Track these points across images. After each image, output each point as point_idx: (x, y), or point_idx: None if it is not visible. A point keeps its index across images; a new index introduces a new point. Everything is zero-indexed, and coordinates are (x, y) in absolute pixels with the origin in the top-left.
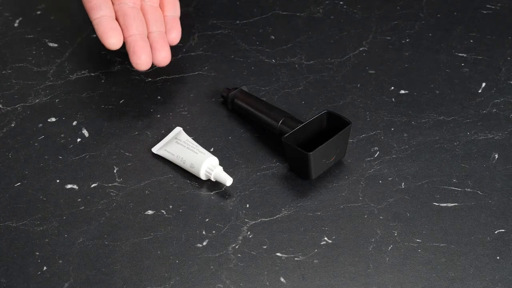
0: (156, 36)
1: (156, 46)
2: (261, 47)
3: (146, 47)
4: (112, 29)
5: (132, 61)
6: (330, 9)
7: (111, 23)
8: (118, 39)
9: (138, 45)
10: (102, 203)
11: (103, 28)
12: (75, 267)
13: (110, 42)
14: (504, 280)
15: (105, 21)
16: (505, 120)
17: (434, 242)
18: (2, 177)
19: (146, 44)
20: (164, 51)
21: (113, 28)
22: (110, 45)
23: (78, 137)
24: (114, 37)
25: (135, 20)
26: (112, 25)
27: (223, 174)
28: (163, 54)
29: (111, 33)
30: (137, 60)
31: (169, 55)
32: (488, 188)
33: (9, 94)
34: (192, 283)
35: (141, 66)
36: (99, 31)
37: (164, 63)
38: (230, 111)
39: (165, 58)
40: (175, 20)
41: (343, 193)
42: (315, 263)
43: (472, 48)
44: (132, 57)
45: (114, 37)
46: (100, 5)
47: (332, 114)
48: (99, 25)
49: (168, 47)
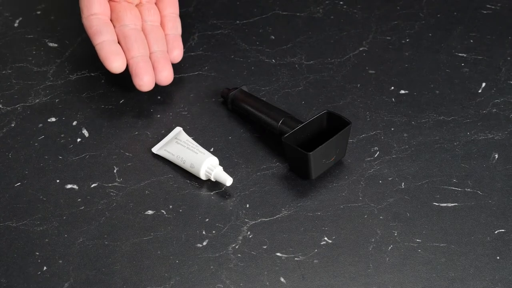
0: (158, 55)
1: (158, 66)
2: (261, 47)
3: (148, 68)
4: (114, 53)
5: (135, 83)
6: (330, 9)
7: (113, 47)
8: (121, 62)
9: (139, 67)
10: (102, 203)
11: (105, 53)
12: (75, 267)
13: (113, 66)
14: (504, 280)
15: (107, 46)
16: (505, 120)
17: (434, 242)
18: (2, 177)
19: (148, 65)
20: (166, 70)
21: (115, 52)
22: (114, 69)
23: (78, 137)
24: (116, 61)
25: (136, 42)
26: (114, 49)
27: (223, 174)
28: (165, 74)
29: (113, 58)
30: (140, 81)
31: (171, 74)
32: (488, 188)
33: (9, 94)
34: (192, 283)
35: (143, 88)
36: (102, 56)
37: (167, 82)
38: (230, 111)
39: (167, 77)
40: (177, 38)
41: (343, 193)
42: (315, 263)
43: (472, 48)
44: (135, 79)
45: (116, 61)
46: (101, 30)
47: (332, 114)
48: (102, 50)
49: (170, 66)
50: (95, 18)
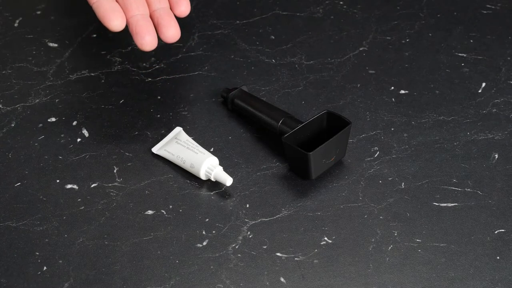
0: (161, 12)
1: (162, 23)
2: (261, 47)
3: (149, 27)
4: (113, 11)
5: (136, 42)
6: (330, 9)
7: (111, 4)
8: (121, 20)
9: (139, 25)
10: (102, 203)
11: (103, 11)
12: (75, 267)
13: (112, 24)
14: (504, 280)
15: (104, 3)
16: (505, 120)
17: (434, 242)
18: (2, 177)
19: (149, 23)
20: (172, 26)
21: (114, 9)
22: (113, 27)
23: (78, 137)
24: (116, 19)
25: (135, 0)
26: (112, 6)
27: (223, 174)
28: (171, 31)
29: (112, 15)
30: (141, 40)
31: (178, 31)
32: (488, 188)
33: (9, 94)
34: (192, 283)
35: (146, 47)
36: (100, 14)
37: (174, 40)
38: (230, 111)
39: (174, 34)
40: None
41: (343, 193)
42: (315, 263)
43: (472, 48)
44: (136, 38)
45: (116, 18)
46: None
47: (332, 114)
48: (99, 8)
49: (176, 23)
50: None
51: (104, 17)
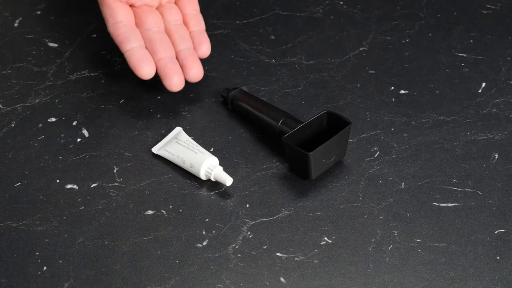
0: (186, 53)
1: (187, 64)
2: (261, 47)
3: (176, 68)
4: (144, 60)
5: (165, 84)
6: (330, 9)
7: (142, 53)
8: (151, 68)
9: (168, 68)
10: (102, 203)
11: (135, 60)
12: (75, 267)
13: (143, 72)
14: (504, 280)
15: (136, 53)
16: (505, 120)
17: (434, 242)
18: (2, 177)
19: (176, 65)
20: (196, 67)
21: (145, 59)
22: (144, 75)
23: (78, 137)
24: (146, 67)
25: (162, 44)
26: (143, 55)
27: (223, 174)
28: (195, 71)
29: (143, 64)
30: (170, 82)
31: (201, 70)
32: (488, 188)
33: (9, 94)
34: (192, 283)
35: (175, 88)
36: (132, 63)
37: (197, 79)
38: (230, 111)
39: (198, 74)
40: (202, 34)
41: (343, 193)
42: (315, 263)
43: (472, 48)
44: (165, 81)
45: (146, 67)
46: (129, 37)
47: (332, 114)
48: (131, 57)
49: (199, 62)
50: (122, 26)
51: (136, 66)
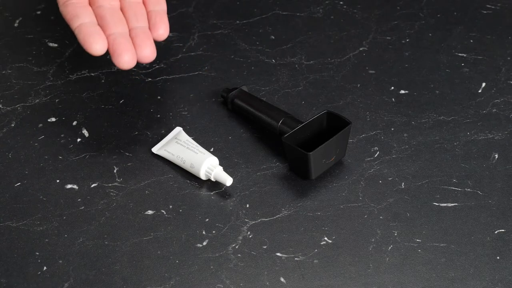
0: (138, 31)
1: (138, 42)
2: (261, 47)
3: (127, 45)
4: (94, 34)
5: (114, 61)
6: (330, 9)
7: (92, 28)
8: (102, 43)
9: (117, 43)
10: (102, 203)
11: (83, 36)
12: (75, 267)
13: (93, 48)
14: (504, 280)
15: (85, 28)
16: (505, 120)
17: (434, 242)
18: (2, 177)
19: (127, 41)
20: (147, 47)
21: (95, 33)
22: (94, 51)
23: (78, 137)
24: (96, 43)
25: (113, 19)
26: (93, 30)
27: (223, 174)
28: (147, 51)
29: (92, 39)
30: (119, 59)
31: (153, 51)
32: (488, 188)
33: (9, 94)
34: (192, 283)
35: (124, 65)
36: (81, 39)
37: (148, 60)
38: (230, 111)
39: (149, 56)
40: (161, 14)
41: (343, 193)
42: (315, 263)
43: (472, 48)
44: (114, 57)
45: (96, 42)
46: (78, 13)
47: (332, 114)
48: (80, 33)
49: (152, 43)
50: (71, 4)
51: (85, 41)
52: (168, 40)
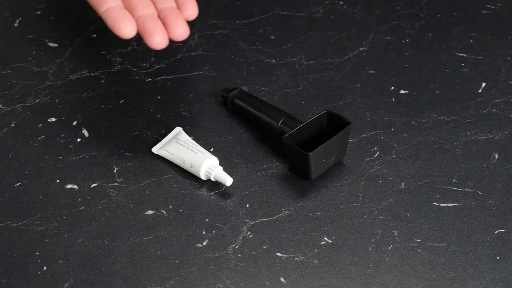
0: (168, 12)
1: (169, 22)
2: (261, 47)
3: (157, 25)
4: (122, 18)
5: (146, 41)
6: (330, 9)
7: (120, 12)
8: (131, 26)
9: (147, 25)
10: (102, 203)
11: (112, 19)
12: (75, 267)
13: (123, 32)
14: (504, 280)
15: (112, 12)
16: (505, 120)
17: (434, 242)
18: (2, 177)
19: (157, 23)
20: (180, 26)
21: (123, 16)
22: (124, 34)
23: (78, 137)
24: (126, 26)
25: (140, 1)
26: (120, 14)
27: (223, 174)
28: (180, 30)
29: (121, 22)
30: (151, 40)
31: (187, 29)
32: (488, 188)
33: (9, 94)
34: (192, 283)
35: (156, 46)
36: (109, 23)
37: (182, 38)
38: (230, 111)
39: (183, 33)
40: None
41: (343, 193)
42: (315, 263)
43: (472, 48)
44: (145, 39)
45: (126, 26)
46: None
47: (332, 114)
48: (108, 17)
49: (183, 21)
50: None
51: (113, 25)
52: None
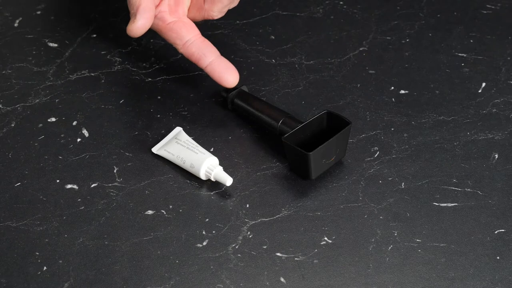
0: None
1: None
2: (261, 47)
3: (227, 65)
4: (227, 69)
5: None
6: (330, 9)
7: (223, 64)
8: (236, 75)
9: (221, 67)
10: (102, 203)
11: (218, 73)
12: (75, 267)
13: (230, 81)
14: (504, 280)
15: (217, 65)
16: (505, 120)
17: (434, 242)
18: (2, 177)
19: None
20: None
21: (227, 67)
22: (230, 84)
23: (78, 137)
24: (231, 75)
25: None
26: (224, 65)
27: (223, 174)
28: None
29: (228, 73)
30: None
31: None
32: (488, 188)
33: (9, 94)
34: (192, 283)
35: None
36: (216, 77)
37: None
38: (230, 111)
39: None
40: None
41: (343, 193)
42: (315, 263)
43: (472, 48)
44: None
45: (231, 75)
46: (204, 52)
47: (332, 114)
48: (214, 72)
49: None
50: (192, 44)
51: (220, 78)
52: None
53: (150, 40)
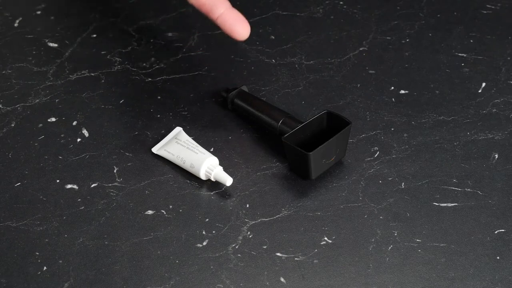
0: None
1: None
2: (261, 47)
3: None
4: (238, 21)
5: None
6: (330, 9)
7: (233, 14)
8: (247, 29)
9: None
10: (102, 203)
11: (229, 25)
12: (75, 267)
13: (241, 34)
14: (504, 280)
15: (228, 17)
16: (505, 120)
17: (434, 242)
18: (2, 177)
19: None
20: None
21: (239, 19)
22: (241, 37)
23: (78, 137)
24: (243, 28)
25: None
26: (235, 16)
27: (223, 174)
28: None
29: (239, 25)
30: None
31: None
32: (488, 188)
33: (9, 94)
34: (192, 283)
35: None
36: (227, 28)
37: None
38: (230, 111)
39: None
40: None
41: (343, 193)
42: (315, 263)
43: (472, 48)
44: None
45: (243, 28)
46: (215, 2)
47: (332, 114)
48: (226, 23)
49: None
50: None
51: (232, 31)
52: (168, 40)
53: (150, 40)
